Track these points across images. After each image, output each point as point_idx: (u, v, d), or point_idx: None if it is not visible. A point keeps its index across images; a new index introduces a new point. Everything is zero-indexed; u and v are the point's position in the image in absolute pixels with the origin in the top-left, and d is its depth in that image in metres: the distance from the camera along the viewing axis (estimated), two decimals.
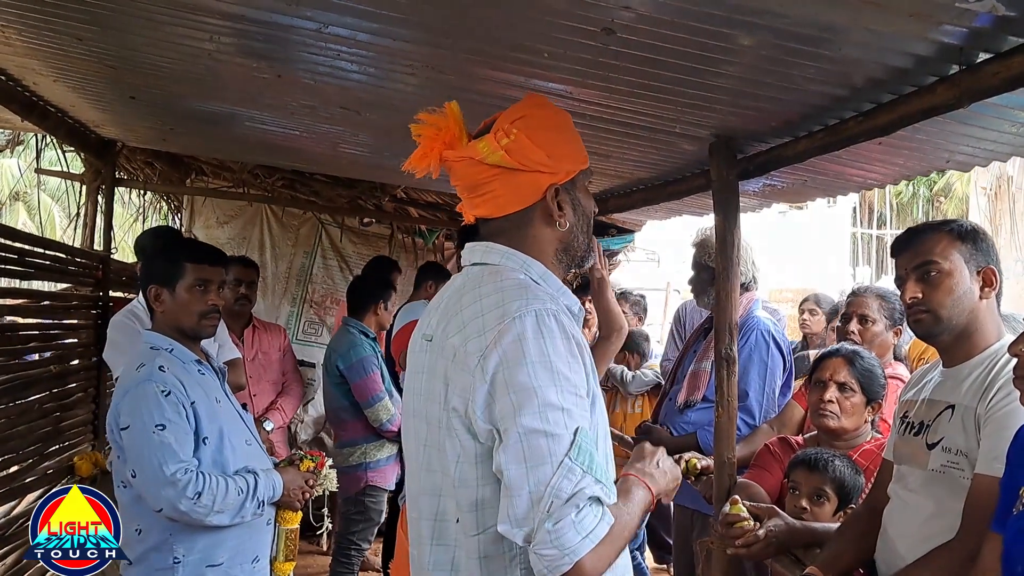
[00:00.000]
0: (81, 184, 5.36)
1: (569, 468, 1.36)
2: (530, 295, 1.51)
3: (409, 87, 2.96)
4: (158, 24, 2.60)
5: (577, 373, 1.46)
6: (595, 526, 1.35)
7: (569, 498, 1.34)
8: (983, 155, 2.98)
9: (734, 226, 3.04)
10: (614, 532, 1.39)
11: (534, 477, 1.36)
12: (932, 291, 2.06)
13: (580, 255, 1.72)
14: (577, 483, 1.36)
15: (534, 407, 1.39)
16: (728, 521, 2.57)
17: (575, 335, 1.50)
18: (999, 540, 1.66)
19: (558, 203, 1.64)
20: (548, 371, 1.41)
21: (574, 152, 1.68)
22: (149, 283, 2.59)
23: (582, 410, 1.44)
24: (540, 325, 1.45)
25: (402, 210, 6.63)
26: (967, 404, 2.01)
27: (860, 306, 3.39)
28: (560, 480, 1.35)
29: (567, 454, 1.37)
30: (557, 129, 1.67)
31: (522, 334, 1.44)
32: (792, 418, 3.44)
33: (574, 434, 1.39)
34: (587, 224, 1.72)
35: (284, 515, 2.71)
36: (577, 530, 1.33)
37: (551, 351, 1.43)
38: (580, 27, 2.11)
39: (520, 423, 1.39)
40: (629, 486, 1.54)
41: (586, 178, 1.71)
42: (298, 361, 4.96)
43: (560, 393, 1.41)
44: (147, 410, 2.37)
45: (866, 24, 1.93)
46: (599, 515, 1.37)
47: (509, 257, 1.62)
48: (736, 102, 2.65)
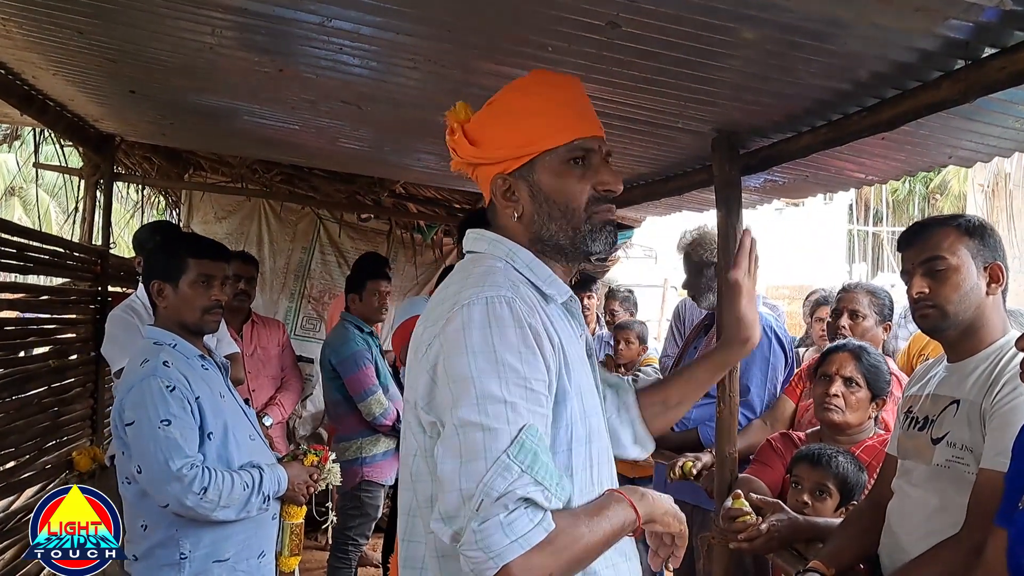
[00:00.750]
0: (79, 179, 5.34)
1: (505, 465, 1.25)
2: (490, 282, 1.42)
3: (411, 81, 2.95)
4: (159, 17, 2.59)
5: (531, 365, 1.33)
6: (528, 530, 1.24)
7: (499, 497, 1.24)
8: (986, 150, 2.97)
9: (736, 221, 3.03)
10: (559, 542, 1.28)
11: (466, 473, 1.27)
12: (939, 286, 2.06)
13: (565, 244, 1.54)
14: (512, 482, 1.24)
15: (471, 398, 1.29)
16: (730, 516, 2.58)
17: (534, 324, 1.36)
18: (1004, 535, 1.66)
19: (511, 191, 1.54)
20: (492, 361, 1.31)
21: (522, 135, 1.52)
22: (152, 278, 2.58)
23: (535, 405, 1.32)
24: (489, 313, 1.35)
25: (401, 205, 6.63)
26: (972, 399, 2.01)
27: (851, 302, 3.43)
28: (493, 478, 1.24)
29: (506, 450, 1.26)
30: (507, 114, 1.55)
31: (467, 322, 1.35)
32: (784, 412, 3.46)
33: (519, 430, 1.28)
34: (562, 210, 1.52)
35: (288, 510, 2.71)
36: (505, 532, 1.23)
37: (497, 340, 1.33)
38: (585, 21, 2.10)
39: (456, 415, 1.31)
40: (607, 501, 1.43)
41: (560, 158, 1.51)
42: (296, 356, 4.95)
43: (504, 385, 1.30)
44: (152, 406, 2.37)
45: (872, 19, 1.93)
46: (535, 519, 1.25)
47: (495, 245, 1.55)
48: (739, 97, 2.64)
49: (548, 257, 1.55)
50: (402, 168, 5.40)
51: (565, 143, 1.51)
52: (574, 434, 1.43)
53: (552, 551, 1.27)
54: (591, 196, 1.53)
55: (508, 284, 1.42)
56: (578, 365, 1.48)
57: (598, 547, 1.36)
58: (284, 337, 4.78)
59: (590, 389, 1.54)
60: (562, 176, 1.52)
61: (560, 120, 1.52)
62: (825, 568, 2.24)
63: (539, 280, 1.51)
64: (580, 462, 1.44)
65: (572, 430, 1.43)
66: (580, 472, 1.44)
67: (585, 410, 1.48)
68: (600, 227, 1.54)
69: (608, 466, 1.55)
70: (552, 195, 1.52)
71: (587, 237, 1.53)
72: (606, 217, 1.55)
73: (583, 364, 1.52)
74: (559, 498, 1.31)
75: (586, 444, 1.46)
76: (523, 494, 1.25)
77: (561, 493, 1.32)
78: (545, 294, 1.50)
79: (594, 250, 1.55)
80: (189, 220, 6.45)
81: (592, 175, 1.53)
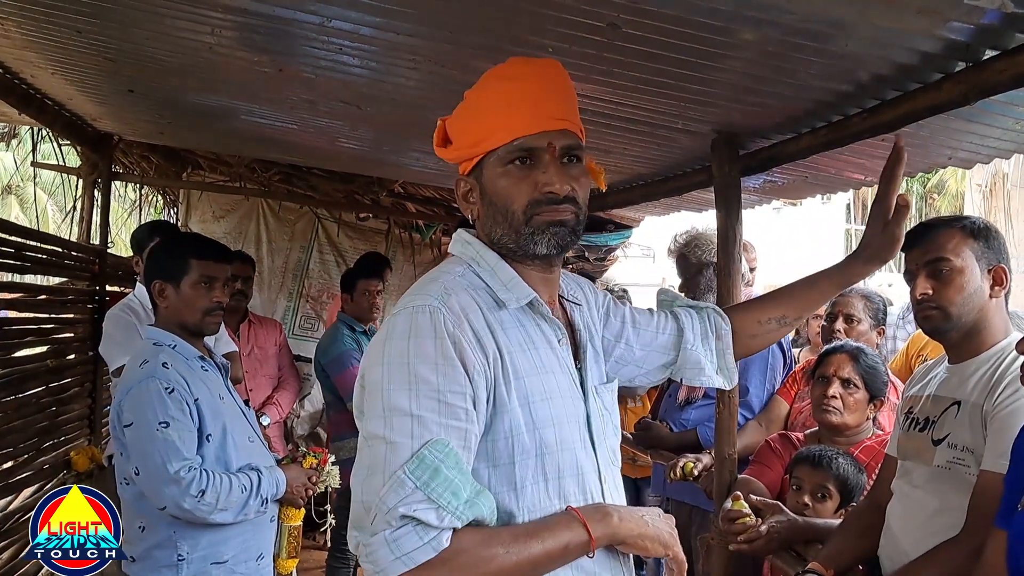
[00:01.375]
0: (77, 178, 5.33)
1: (400, 481, 1.22)
2: (425, 290, 1.38)
3: (411, 81, 2.95)
4: (159, 17, 2.58)
5: (448, 377, 1.29)
6: (413, 549, 1.21)
7: (387, 512, 1.22)
8: (986, 152, 2.97)
9: (736, 222, 3.03)
10: (456, 562, 1.24)
11: (367, 486, 1.26)
12: (943, 288, 2.06)
13: (510, 247, 1.47)
14: (403, 499, 1.21)
15: (379, 410, 1.28)
16: (730, 517, 2.58)
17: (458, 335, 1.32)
18: (1003, 536, 1.66)
19: (469, 193, 1.51)
20: (404, 373, 1.28)
21: (471, 135, 1.47)
22: (153, 278, 2.57)
23: (449, 418, 1.28)
24: (411, 323, 1.32)
25: (399, 205, 6.62)
26: (974, 401, 2.01)
27: (845, 306, 3.44)
28: (387, 493, 1.22)
29: (403, 465, 1.23)
30: (465, 110, 1.50)
31: (390, 332, 1.33)
32: (779, 414, 3.47)
33: (421, 445, 1.24)
34: (503, 213, 1.45)
35: (287, 512, 2.71)
36: (390, 548, 1.21)
37: (413, 351, 1.29)
38: (585, 22, 2.09)
39: (365, 427, 1.31)
40: (551, 520, 1.36)
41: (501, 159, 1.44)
42: (294, 356, 4.95)
43: (414, 398, 1.27)
44: (151, 407, 2.36)
45: (873, 20, 1.92)
46: (424, 539, 1.22)
47: (466, 247, 1.51)
48: (739, 98, 2.64)
49: (511, 259, 1.49)
50: (401, 168, 5.39)
51: (504, 144, 1.43)
52: (517, 446, 1.36)
53: (446, 572, 1.23)
54: (532, 199, 1.43)
55: (441, 292, 1.37)
56: (532, 374, 1.41)
57: (521, 569, 1.30)
58: (281, 337, 4.78)
59: (554, 397, 1.44)
60: (503, 178, 1.44)
61: (503, 118, 1.44)
62: (824, 569, 2.24)
63: (497, 284, 1.45)
64: (529, 475, 1.37)
65: (515, 442, 1.36)
66: (530, 485, 1.38)
67: (536, 421, 1.39)
68: (542, 228, 1.43)
69: (581, 478, 1.45)
70: (494, 197, 1.46)
71: (528, 240, 1.44)
72: (550, 218, 1.43)
73: (544, 371, 1.44)
74: (462, 516, 1.25)
75: (537, 457, 1.38)
76: (407, 512, 1.21)
77: (469, 511, 1.26)
78: (499, 299, 1.44)
79: (538, 252, 1.45)
80: (187, 219, 6.44)
81: (535, 176, 1.43)
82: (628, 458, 4.10)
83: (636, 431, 3.86)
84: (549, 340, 1.49)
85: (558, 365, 1.48)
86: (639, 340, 1.80)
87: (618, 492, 1.57)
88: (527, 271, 1.49)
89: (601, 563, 1.42)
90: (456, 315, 1.34)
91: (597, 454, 1.50)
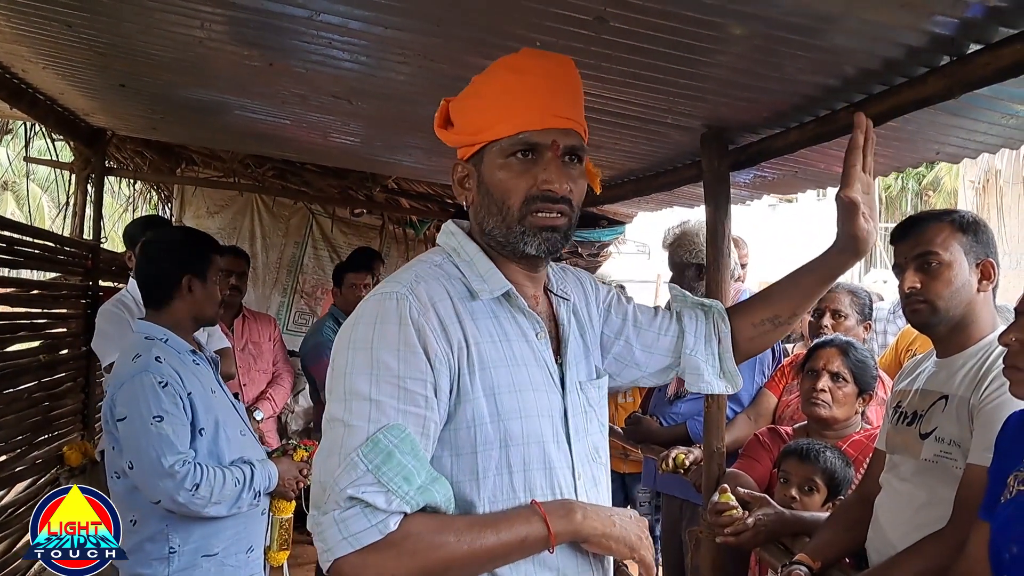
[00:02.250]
0: (71, 173, 5.33)
1: (352, 463, 1.24)
2: (396, 279, 1.40)
3: (401, 76, 2.95)
4: (148, 11, 2.59)
5: (409, 363, 1.30)
6: (360, 531, 1.23)
7: (339, 492, 1.24)
8: (973, 147, 2.98)
9: (725, 217, 3.04)
10: (404, 546, 1.24)
11: (324, 467, 1.28)
12: (931, 281, 2.06)
13: (500, 240, 1.46)
14: (353, 481, 1.23)
15: (340, 393, 1.31)
16: (717, 510, 2.59)
17: (423, 322, 1.32)
18: (987, 528, 1.67)
19: (467, 178, 1.50)
20: (367, 358, 1.30)
21: (474, 122, 1.46)
22: (183, 273, 2.56)
23: (407, 404, 1.29)
24: (377, 309, 1.34)
25: (393, 200, 6.62)
26: (961, 394, 2.02)
27: (832, 301, 3.45)
28: (340, 474, 1.24)
29: (358, 448, 1.25)
30: (471, 97, 1.49)
31: (358, 318, 1.35)
32: (767, 407, 3.48)
33: (377, 429, 1.26)
34: (498, 205, 1.44)
35: (278, 505, 2.71)
36: (339, 528, 1.23)
37: (376, 337, 1.31)
38: (572, 16, 2.10)
39: (328, 409, 1.33)
40: (511, 513, 1.36)
41: (503, 151, 1.43)
42: (288, 351, 4.96)
43: (375, 383, 1.28)
44: (144, 401, 2.36)
45: (859, 14, 1.93)
46: (371, 521, 1.23)
47: (449, 237, 1.52)
48: (728, 92, 2.65)
49: (496, 251, 1.49)
50: (394, 163, 5.40)
51: (508, 135, 1.41)
52: (480, 436, 1.36)
53: (393, 554, 1.24)
54: (529, 195, 1.42)
55: (410, 280, 1.38)
56: (500, 365, 1.40)
57: (474, 559, 1.30)
58: (275, 332, 4.78)
59: (523, 389, 1.42)
60: (503, 169, 1.43)
61: (509, 110, 1.42)
62: (811, 561, 2.25)
63: (473, 275, 1.45)
64: (492, 465, 1.37)
65: (477, 431, 1.36)
66: (492, 476, 1.37)
67: (499, 412, 1.38)
68: (535, 231, 1.43)
69: (550, 472, 1.43)
70: (491, 188, 1.44)
71: (518, 238, 1.43)
72: (544, 222, 1.43)
73: (515, 364, 1.43)
74: (412, 502, 1.26)
75: (501, 448, 1.38)
76: (355, 493, 1.23)
77: (420, 497, 1.27)
78: (472, 290, 1.44)
79: (527, 252, 1.44)
80: (181, 215, 6.45)
81: (536, 172, 1.41)
82: (619, 453, 4.11)
83: (627, 425, 3.87)
84: (525, 333, 1.48)
85: (533, 358, 1.47)
86: (639, 340, 1.76)
87: (597, 489, 1.54)
88: (509, 265, 1.49)
89: (566, 559, 1.42)
90: (422, 303, 1.35)
91: (572, 450, 1.48)
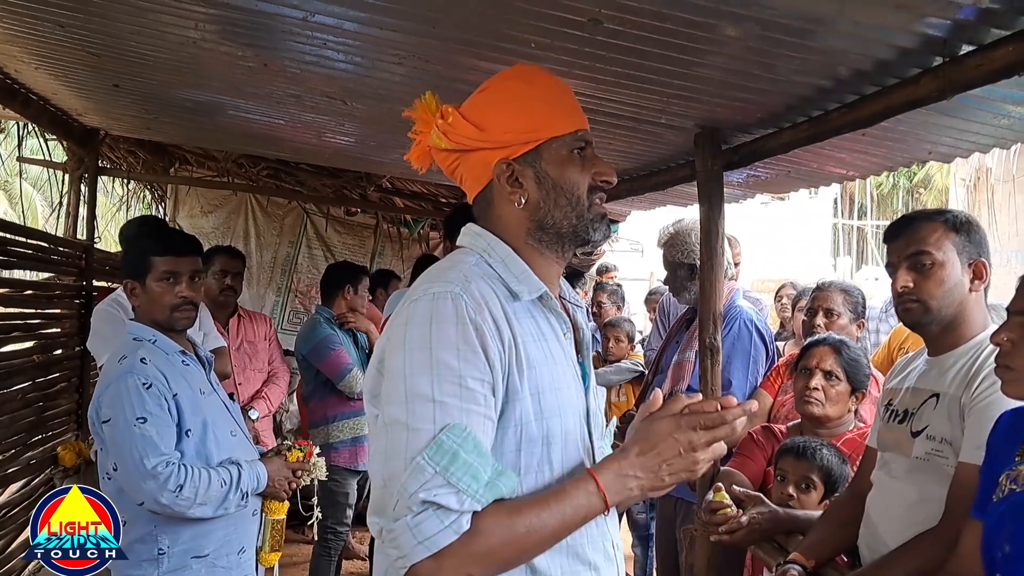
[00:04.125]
0: (64, 173, 5.32)
1: (419, 467, 1.25)
2: (444, 277, 1.40)
3: (396, 76, 2.95)
4: (141, 11, 2.58)
5: (469, 362, 1.31)
6: (434, 533, 1.24)
7: (409, 498, 1.24)
8: (965, 147, 3.00)
9: (719, 216, 3.05)
10: (476, 545, 1.26)
11: (388, 471, 1.28)
12: (924, 281, 2.07)
13: (567, 231, 1.53)
14: (423, 484, 1.24)
15: (400, 395, 1.31)
16: (711, 508, 2.59)
17: (479, 321, 1.34)
18: (979, 526, 1.68)
19: (515, 178, 1.51)
20: (426, 358, 1.31)
21: (529, 121, 1.50)
22: (125, 277, 2.58)
23: (469, 403, 1.31)
24: (432, 309, 1.34)
25: (387, 200, 6.62)
26: (952, 393, 2.03)
27: (825, 300, 3.46)
28: (408, 479, 1.25)
29: (423, 451, 1.26)
30: (511, 100, 1.53)
31: (411, 318, 1.35)
32: (763, 406, 3.48)
33: (440, 430, 1.27)
34: (568, 197, 1.51)
35: (270, 505, 2.69)
36: (413, 534, 1.24)
37: (435, 337, 1.32)
38: (567, 17, 2.11)
39: (386, 411, 1.33)
40: (567, 490, 1.36)
41: (567, 146, 1.51)
42: (284, 351, 4.95)
43: (436, 383, 1.29)
44: (128, 403, 2.35)
45: (852, 15, 1.95)
46: (445, 523, 1.24)
47: (476, 238, 1.54)
48: (721, 93, 2.66)
49: (537, 249, 1.53)
50: (388, 163, 5.39)
51: (571, 131, 1.52)
52: (524, 435, 1.39)
53: (468, 552, 1.26)
54: (591, 185, 1.53)
55: (461, 280, 1.40)
56: (543, 364, 1.44)
57: (543, 542, 1.33)
58: (271, 331, 4.77)
59: (561, 388, 1.47)
60: (567, 164, 1.52)
61: (565, 108, 1.54)
62: (805, 560, 2.26)
63: (510, 276, 1.48)
64: (533, 463, 1.40)
65: (523, 431, 1.39)
66: (534, 473, 1.40)
67: (543, 411, 1.42)
68: (599, 218, 1.55)
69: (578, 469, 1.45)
70: (560, 182, 1.51)
71: (589, 225, 1.54)
72: (602, 209, 1.57)
73: (553, 363, 1.47)
74: (482, 499, 1.28)
75: (543, 446, 1.41)
76: (427, 497, 1.24)
77: (489, 493, 1.28)
78: (513, 291, 1.47)
79: (595, 238, 1.56)
80: (175, 214, 6.44)
81: (591, 165, 1.54)
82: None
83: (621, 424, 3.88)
84: (557, 333, 1.52)
85: (564, 357, 1.51)
86: None
87: None
88: (539, 262, 1.53)
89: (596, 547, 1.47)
90: (477, 302, 1.37)
91: (594, 447, 1.54)
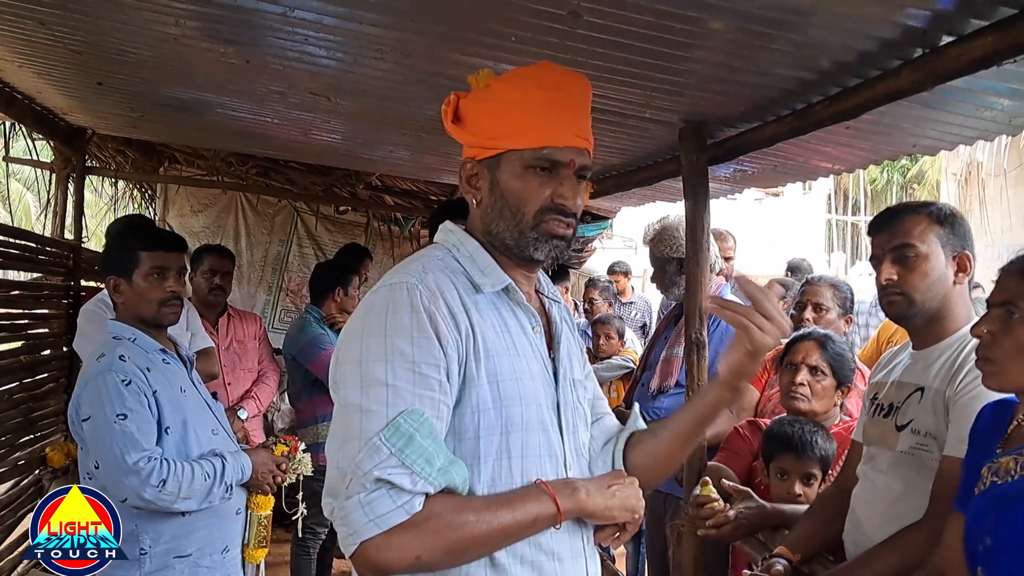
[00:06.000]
0: (51, 172, 5.29)
1: (375, 447, 1.28)
2: (404, 270, 1.44)
3: (378, 72, 2.94)
4: (122, 8, 2.57)
5: (423, 349, 1.35)
6: (386, 512, 1.27)
7: (363, 476, 1.27)
8: (949, 139, 3.00)
9: (704, 211, 3.05)
10: (428, 526, 1.29)
11: (343, 453, 1.31)
12: (908, 274, 2.06)
13: (508, 243, 1.51)
14: (378, 463, 1.27)
15: (356, 380, 1.34)
16: (698, 503, 2.59)
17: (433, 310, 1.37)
18: (961, 519, 1.68)
19: (476, 178, 1.53)
20: (381, 345, 1.34)
21: (496, 127, 1.49)
22: (107, 274, 2.58)
23: (423, 388, 1.34)
24: (388, 298, 1.38)
25: (377, 198, 6.61)
26: (936, 387, 2.03)
27: (814, 295, 3.48)
28: (363, 458, 1.28)
29: (380, 432, 1.29)
30: (494, 101, 1.52)
31: (369, 307, 1.40)
32: (750, 401, 3.48)
33: (397, 414, 1.30)
34: (512, 211, 1.49)
35: (256, 501, 2.68)
36: (365, 511, 1.27)
37: (390, 324, 1.35)
38: (546, 10, 2.10)
39: (342, 395, 1.36)
40: (522, 492, 1.41)
41: (524, 161, 1.47)
42: (274, 350, 4.94)
43: (390, 368, 1.33)
44: (108, 400, 2.34)
45: (832, 7, 1.94)
46: (397, 502, 1.27)
47: (448, 234, 1.57)
48: (705, 86, 2.65)
49: (497, 249, 1.53)
50: (376, 160, 5.39)
51: (532, 148, 1.47)
52: (483, 422, 1.41)
53: (418, 534, 1.29)
54: (544, 205, 1.48)
55: (419, 271, 1.43)
56: (503, 354, 1.45)
57: (491, 537, 1.36)
58: (261, 330, 4.76)
59: (522, 378, 1.47)
60: (521, 179, 1.48)
61: (534, 123, 1.47)
62: (791, 554, 2.26)
63: (475, 269, 1.50)
64: (492, 450, 1.42)
65: (480, 417, 1.41)
66: (492, 461, 1.42)
67: (502, 399, 1.43)
68: (546, 238, 1.49)
69: (539, 459, 1.47)
70: (507, 194, 1.49)
71: (530, 244, 1.49)
72: (555, 230, 1.49)
73: (515, 353, 1.48)
74: (434, 483, 1.30)
75: (502, 434, 1.43)
76: (381, 475, 1.27)
77: (442, 478, 1.31)
78: (475, 284, 1.48)
79: (536, 257, 1.51)
80: (165, 214, 6.41)
81: (552, 185, 1.48)
82: None
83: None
84: (523, 326, 1.53)
85: (531, 350, 1.52)
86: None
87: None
88: (501, 260, 1.53)
89: (563, 540, 1.48)
90: (432, 292, 1.40)
91: (564, 440, 1.53)
